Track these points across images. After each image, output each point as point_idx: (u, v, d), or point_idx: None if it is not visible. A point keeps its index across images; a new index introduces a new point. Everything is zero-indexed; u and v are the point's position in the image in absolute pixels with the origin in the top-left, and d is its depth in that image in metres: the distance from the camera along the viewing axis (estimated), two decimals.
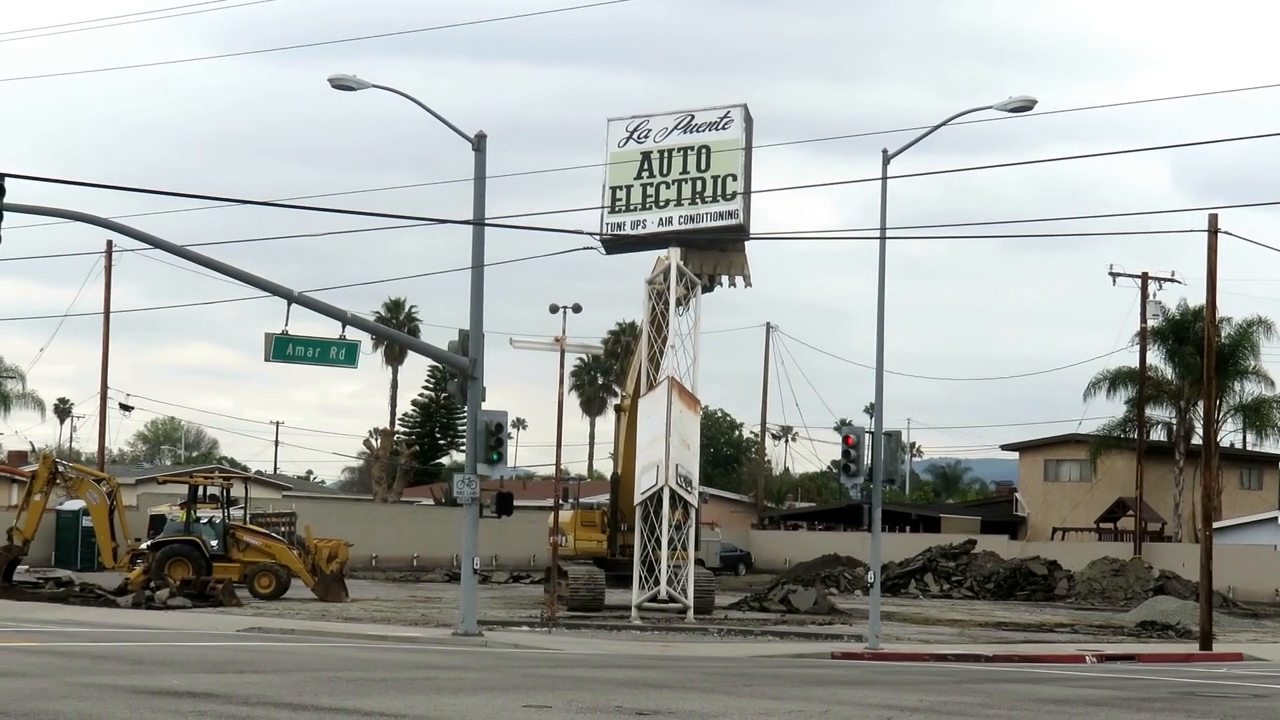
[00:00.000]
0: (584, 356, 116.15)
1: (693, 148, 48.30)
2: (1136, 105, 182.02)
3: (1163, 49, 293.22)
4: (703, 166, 48.02)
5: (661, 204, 48.26)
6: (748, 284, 49.90)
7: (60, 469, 55.43)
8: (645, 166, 48.53)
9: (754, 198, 49.16)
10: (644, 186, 48.48)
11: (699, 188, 48.04)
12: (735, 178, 47.79)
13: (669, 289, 47.69)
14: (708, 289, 49.69)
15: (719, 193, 47.79)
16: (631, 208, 48.43)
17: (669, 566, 47.36)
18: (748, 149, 48.26)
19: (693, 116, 48.65)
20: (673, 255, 47.67)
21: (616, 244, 49.49)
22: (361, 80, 39.06)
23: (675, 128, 48.58)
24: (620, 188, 48.65)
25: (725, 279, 49.91)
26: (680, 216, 48.14)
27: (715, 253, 49.41)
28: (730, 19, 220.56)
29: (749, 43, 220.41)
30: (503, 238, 78.16)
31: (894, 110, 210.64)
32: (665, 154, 48.37)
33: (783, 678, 31.35)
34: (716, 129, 48.23)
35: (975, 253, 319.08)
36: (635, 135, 48.75)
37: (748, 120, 48.38)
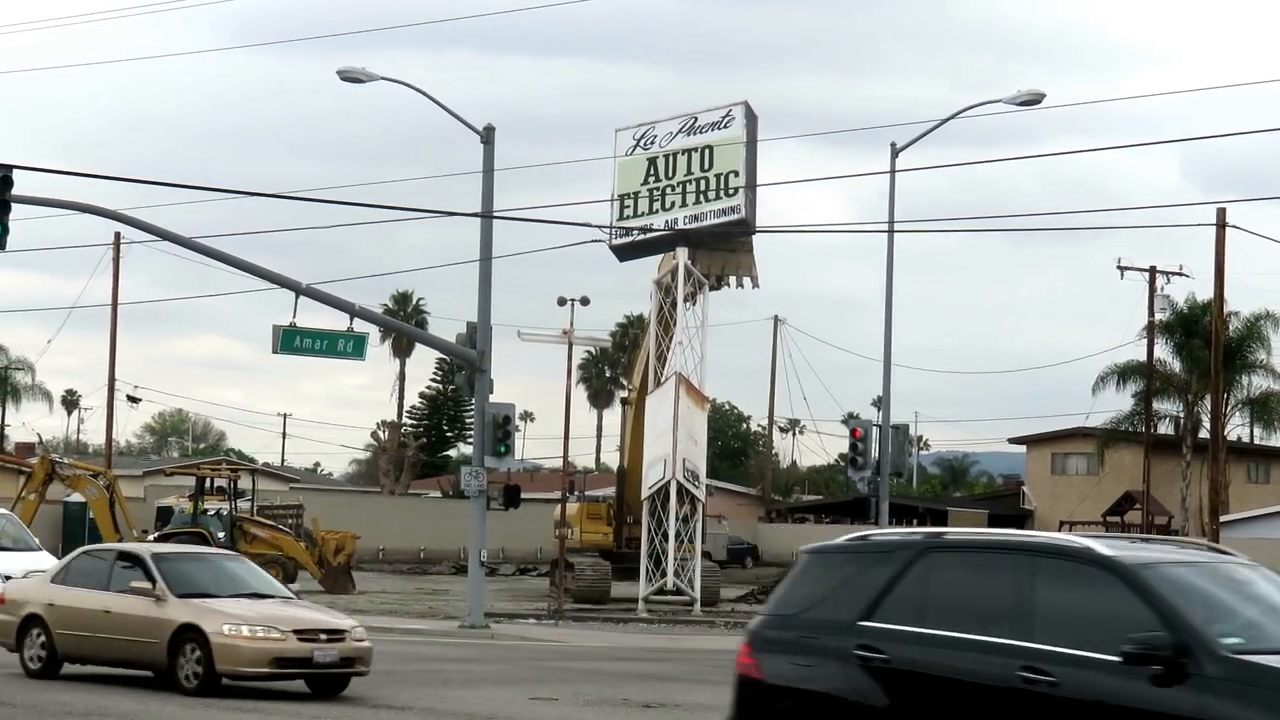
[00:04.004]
0: (592, 349, 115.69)
1: (696, 149, 48.42)
2: (1146, 99, 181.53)
3: (1172, 43, 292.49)
4: (706, 166, 48.12)
5: (667, 207, 48.42)
6: (755, 285, 49.92)
7: (57, 469, 55.39)
8: (651, 172, 48.71)
9: (763, 192, 49.20)
10: (650, 191, 48.65)
11: (702, 187, 48.10)
12: (737, 174, 47.83)
13: (676, 288, 47.72)
14: (715, 289, 49.72)
15: (722, 190, 47.85)
16: (639, 214, 48.60)
17: (676, 559, 47.37)
18: (750, 144, 48.27)
19: (695, 118, 48.80)
20: (680, 255, 47.73)
21: (628, 250, 49.74)
22: (370, 73, 39.05)
23: (680, 131, 48.73)
24: (629, 195, 48.83)
25: (733, 279, 49.94)
26: (685, 216, 48.24)
27: (723, 253, 49.46)
28: (739, 12, 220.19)
29: (758, 36, 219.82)
30: (511, 230, 78.11)
31: (903, 104, 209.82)
32: (670, 158, 48.51)
33: None
34: (719, 128, 48.31)
35: (984, 246, 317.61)
36: (641, 142, 48.99)
37: (750, 117, 48.43)
